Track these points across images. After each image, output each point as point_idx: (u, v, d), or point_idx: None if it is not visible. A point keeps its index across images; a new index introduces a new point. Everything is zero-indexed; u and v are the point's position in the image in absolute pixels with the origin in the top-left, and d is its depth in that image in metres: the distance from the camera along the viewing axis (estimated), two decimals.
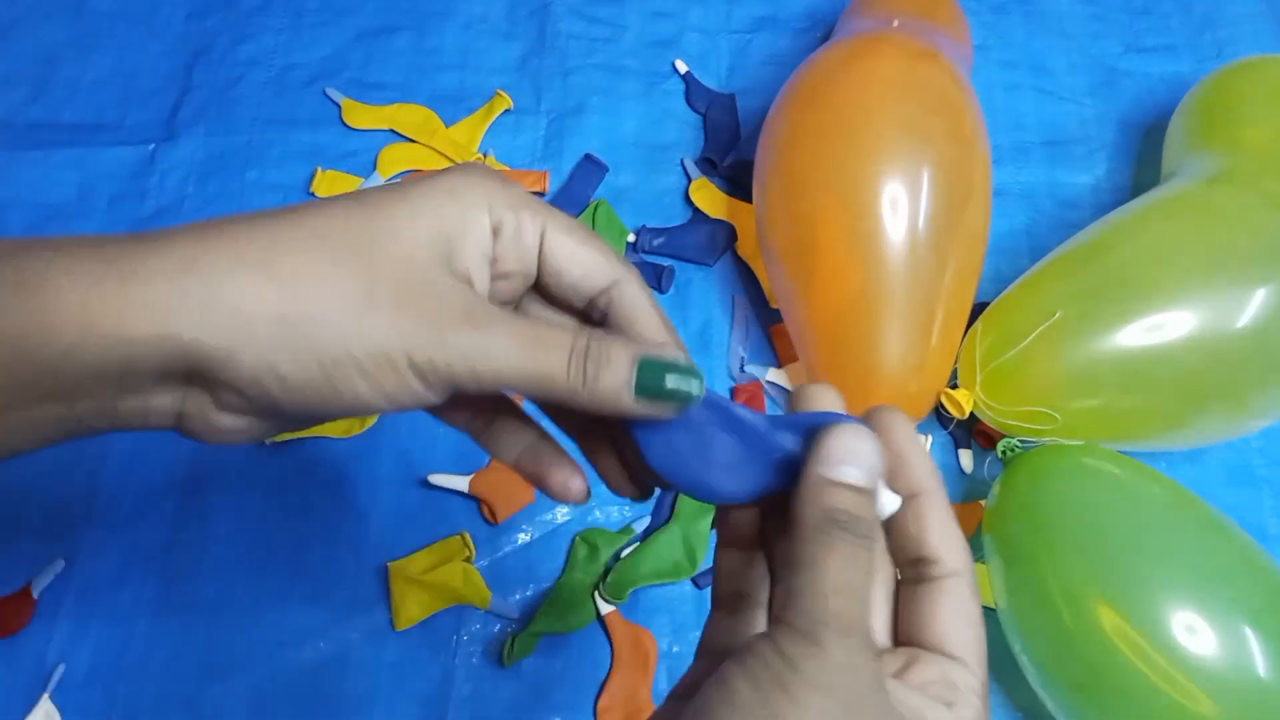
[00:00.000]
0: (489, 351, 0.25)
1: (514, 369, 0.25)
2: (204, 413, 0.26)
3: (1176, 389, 0.46)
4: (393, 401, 0.26)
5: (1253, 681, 0.39)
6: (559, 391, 0.26)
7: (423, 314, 0.25)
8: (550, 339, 0.26)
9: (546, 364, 0.26)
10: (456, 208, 0.27)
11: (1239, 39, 0.68)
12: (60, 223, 0.61)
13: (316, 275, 0.25)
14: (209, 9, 0.69)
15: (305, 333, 0.25)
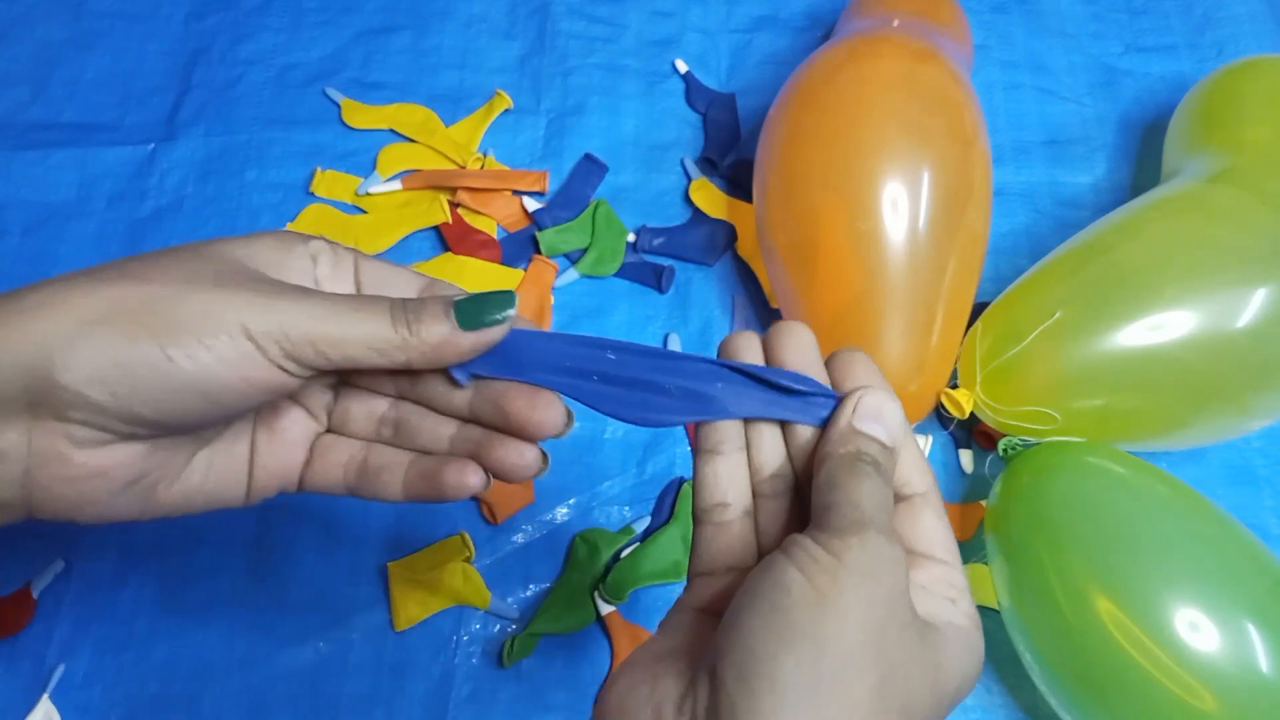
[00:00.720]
0: (318, 315, 0.27)
1: (343, 329, 0.27)
2: (57, 449, 0.26)
3: (1177, 389, 0.46)
4: (246, 379, 0.27)
5: (1256, 677, 0.39)
6: (390, 344, 0.28)
7: (254, 290, 0.27)
8: (371, 302, 0.28)
9: (373, 320, 0.28)
10: (278, 240, 0.30)
11: (1239, 39, 0.68)
12: (60, 223, 0.61)
13: (153, 268, 0.27)
14: (209, 9, 0.69)
15: (138, 319, 0.25)
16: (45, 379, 0.25)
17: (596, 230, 0.60)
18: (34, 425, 0.25)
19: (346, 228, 0.60)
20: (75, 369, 0.25)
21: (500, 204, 0.61)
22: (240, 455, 0.32)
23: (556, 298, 0.59)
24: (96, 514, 0.27)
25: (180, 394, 0.26)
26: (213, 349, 0.26)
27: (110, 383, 0.25)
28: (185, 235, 0.61)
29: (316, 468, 0.33)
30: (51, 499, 0.26)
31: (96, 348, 0.25)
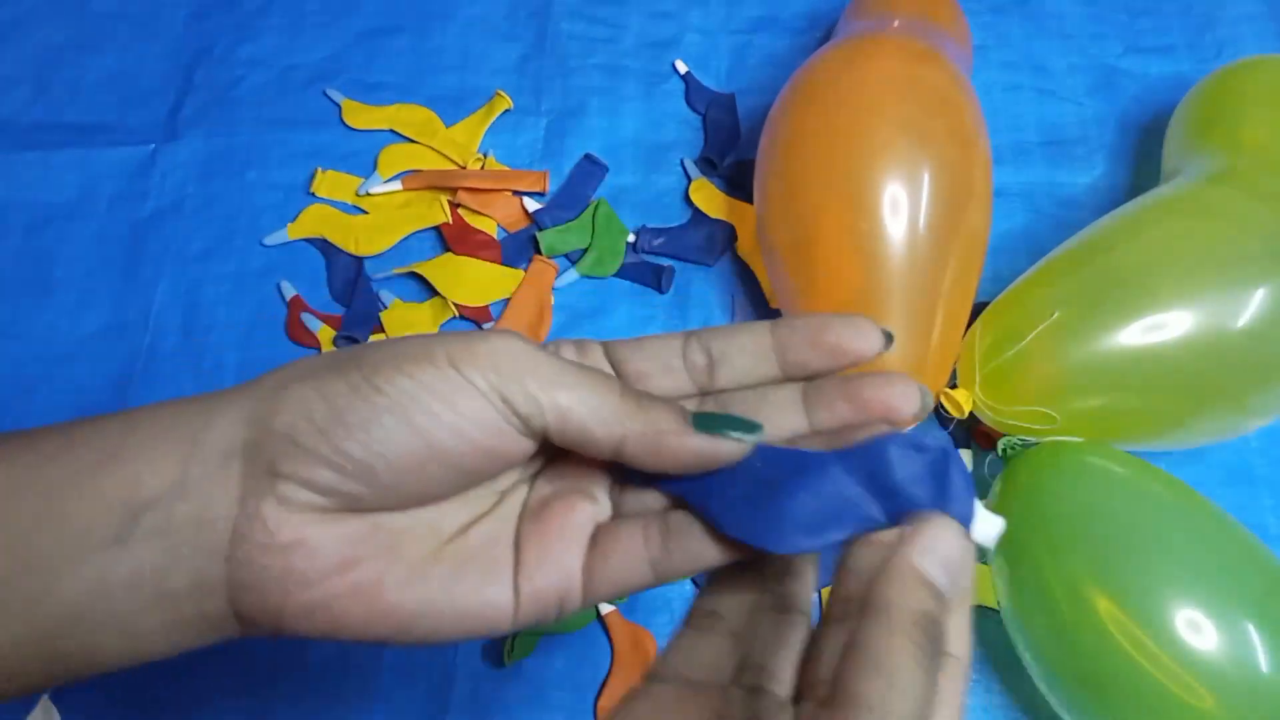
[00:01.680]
0: (533, 361, 0.25)
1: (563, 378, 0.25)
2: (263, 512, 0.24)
3: (1176, 389, 0.46)
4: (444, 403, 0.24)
5: (1255, 677, 0.39)
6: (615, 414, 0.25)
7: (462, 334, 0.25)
8: (601, 373, 0.26)
9: (604, 385, 0.25)
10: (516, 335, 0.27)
11: (1239, 39, 0.68)
12: (60, 223, 0.61)
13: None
14: (210, 10, 0.69)
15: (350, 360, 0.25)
16: (262, 426, 0.24)
17: (596, 230, 0.60)
18: (246, 489, 0.24)
19: (347, 228, 0.60)
20: (288, 410, 0.24)
21: (500, 204, 0.61)
22: (499, 555, 0.27)
23: (556, 298, 0.59)
24: (307, 603, 0.24)
25: (388, 427, 0.24)
26: (414, 373, 0.24)
27: (320, 422, 0.24)
28: (186, 236, 0.61)
29: (608, 556, 0.26)
30: (255, 576, 0.24)
31: (309, 387, 0.24)
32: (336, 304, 0.59)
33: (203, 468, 0.24)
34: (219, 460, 0.24)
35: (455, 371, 0.24)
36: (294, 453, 0.24)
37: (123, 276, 0.60)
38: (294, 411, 0.24)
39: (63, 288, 0.59)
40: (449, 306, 0.57)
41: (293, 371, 0.25)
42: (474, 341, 0.25)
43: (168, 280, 0.60)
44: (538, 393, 0.24)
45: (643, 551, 0.26)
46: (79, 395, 0.56)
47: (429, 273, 0.58)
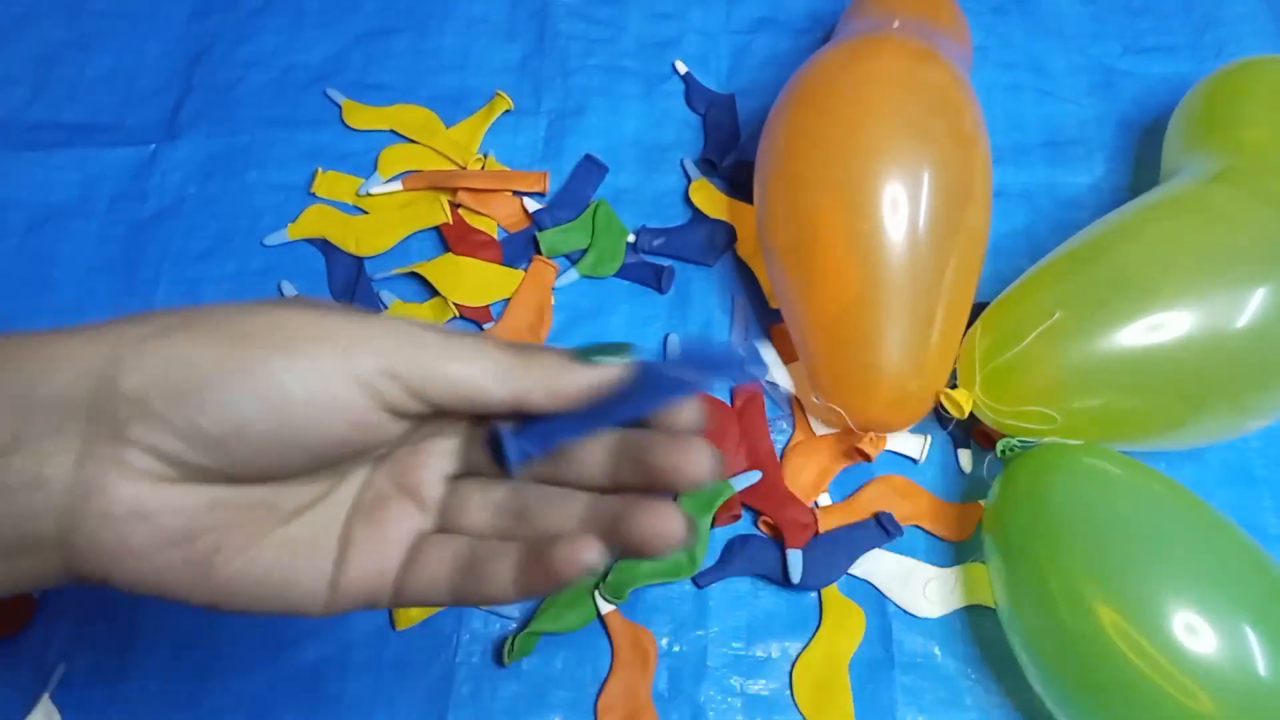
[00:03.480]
0: (419, 336, 0.24)
1: (453, 353, 0.24)
2: (104, 477, 0.22)
3: (1176, 389, 0.46)
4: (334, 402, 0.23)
5: (1253, 679, 0.39)
6: (505, 368, 0.25)
7: (354, 315, 0.25)
8: (481, 335, 0.26)
9: (488, 344, 0.25)
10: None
11: (1239, 39, 0.69)
12: (60, 223, 0.61)
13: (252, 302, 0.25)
14: (210, 9, 0.69)
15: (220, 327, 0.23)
16: (110, 383, 0.22)
17: (596, 231, 0.60)
18: (86, 450, 0.22)
19: (347, 228, 0.60)
20: (141, 371, 0.22)
21: (500, 204, 0.61)
22: (326, 545, 0.27)
23: (556, 298, 0.59)
24: (137, 571, 0.23)
25: (254, 412, 0.23)
26: (293, 358, 0.23)
27: (175, 390, 0.22)
28: (186, 236, 0.61)
29: (418, 569, 0.27)
30: (88, 541, 0.23)
31: (166, 348, 0.22)
32: None
33: (41, 421, 0.22)
34: (57, 416, 0.22)
35: (340, 358, 0.23)
36: (144, 418, 0.22)
37: (123, 276, 0.60)
38: (149, 372, 0.22)
39: (63, 288, 0.59)
40: (449, 306, 0.57)
41: (151, 325, 0.23)
42: (361, 324, 0.24)
43: (168, 280, 0.60)
44: (432, 365, 0.24)
45: (447, 576, 0.27)
46: None
47: (429, 273, 0.58)
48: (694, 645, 0.50)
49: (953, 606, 0.51)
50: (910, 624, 0.51)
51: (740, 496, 0.52)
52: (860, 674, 0.49)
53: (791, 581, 0.50)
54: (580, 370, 0.26)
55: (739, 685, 0.49)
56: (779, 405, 0.56)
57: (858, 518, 0.52)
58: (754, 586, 0.52)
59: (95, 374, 0.22)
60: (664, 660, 0.50)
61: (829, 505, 0.53)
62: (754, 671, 0.50)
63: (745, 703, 0.49)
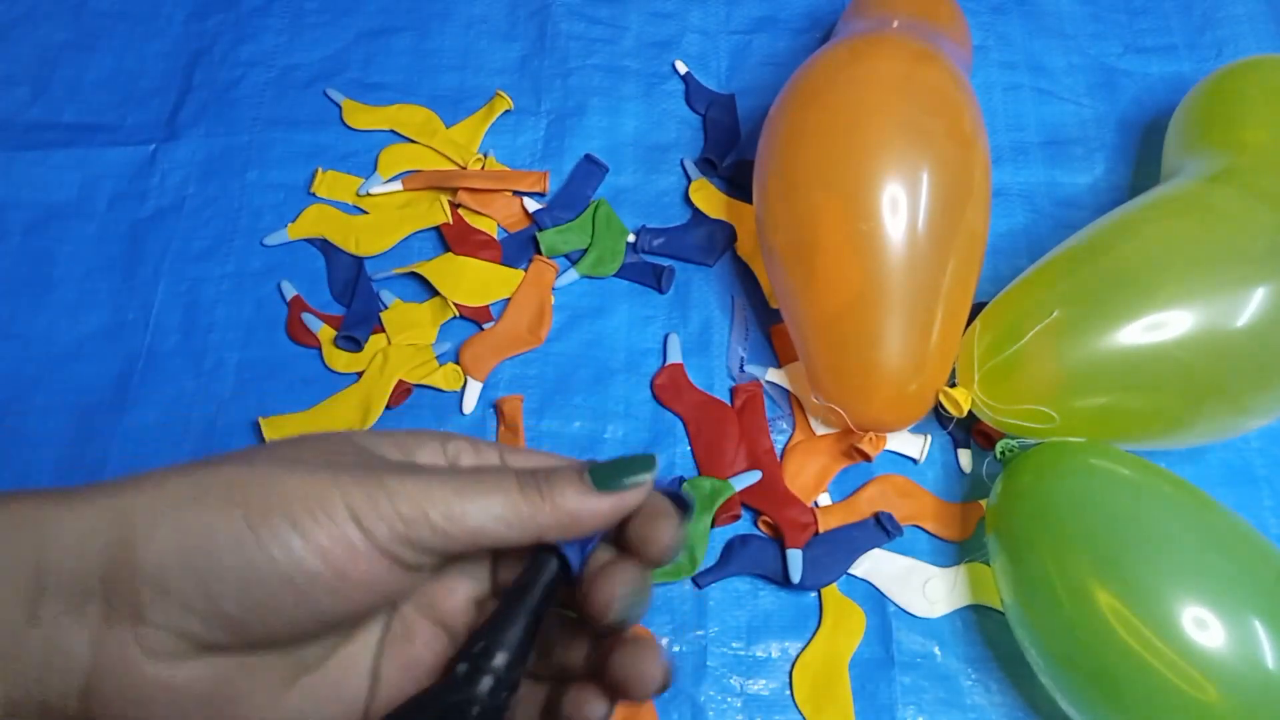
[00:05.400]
0: (433, 486, 0.24)
1: (464, 500, 0.24)
2: (126, 657, 0.22)
3: (1175, 388, 0.46)
4: (338, 569, 0.23)
5: (1259, 671, 0.39)
6: (519, 513, 0.25)
7: (364, 469, 0.24)
8: (493, 472, 0.25)
9: (498, 488, 0.25)
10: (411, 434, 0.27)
11: (1239, 39, 0.69)
12: (60, 223, 0.61)
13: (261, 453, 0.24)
14: (209, 9, 0.69)
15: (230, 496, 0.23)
16: (126, 560, 0.22)
17: (597, 231, 0.60)
18: (104, 629, 0.22)
19: (347, 228, 0.60)
20: (157, 545, 0.22)
21: (501, 204, 0.61)
22: (355, 685, 0.26)
23: (557, 298, 0.59)
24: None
25: (274, 591, 0.23)
26: (309, 533, 0.23)
27: (194, 571, 0.22)
28: (186, 236, 0.61)
29: None
30: (111, 716, 0.23)
31: (182, 524, 0.22)
32: (337, 304, 0.59)
33: (58, 600, 0.22)
34: (75, 595, 0.22)
35: (354, 527, 0.23)
36: (163, 600, 0.22)
37: (123, 276, 0.60)
38: (163, 551, 0.22)
39: (63, 288, 0.59)
40: (449, 306, 0.57)
41: (165, 495, 0.23)
42: (375, 485, 0.24)
43: (168, 280, 0.60)
44: (445, 525, 0.24)
45: None
46: (79, 395, 0.56)
47: (429, 273, 0.58)
48: (694, 645, 0.50)
49: (953, 606, 0.51)
50: (910, 624, 0.51)
51: (740, 496, 0.52)
52: (860, 674, 0.49)
53: (791, 581, 0.50)
54: (598, 502, 0.25)
55: (739, 685, 0.49)
56: (779, 405, 0.56)
57: (858, 518, 0.52)
58: (754, 586, 0.52)
59: (112, 548, 0.22)
60: None
61: (829, 505, 0.53)
62: (754, 671, 0.50)
63: (745, 703, 0.49)
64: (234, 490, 0.23)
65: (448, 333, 0.58)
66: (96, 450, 0.54)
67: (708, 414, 0.55)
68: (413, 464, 0.26)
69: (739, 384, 0.56)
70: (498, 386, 0.57)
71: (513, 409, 0.55)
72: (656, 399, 0.56)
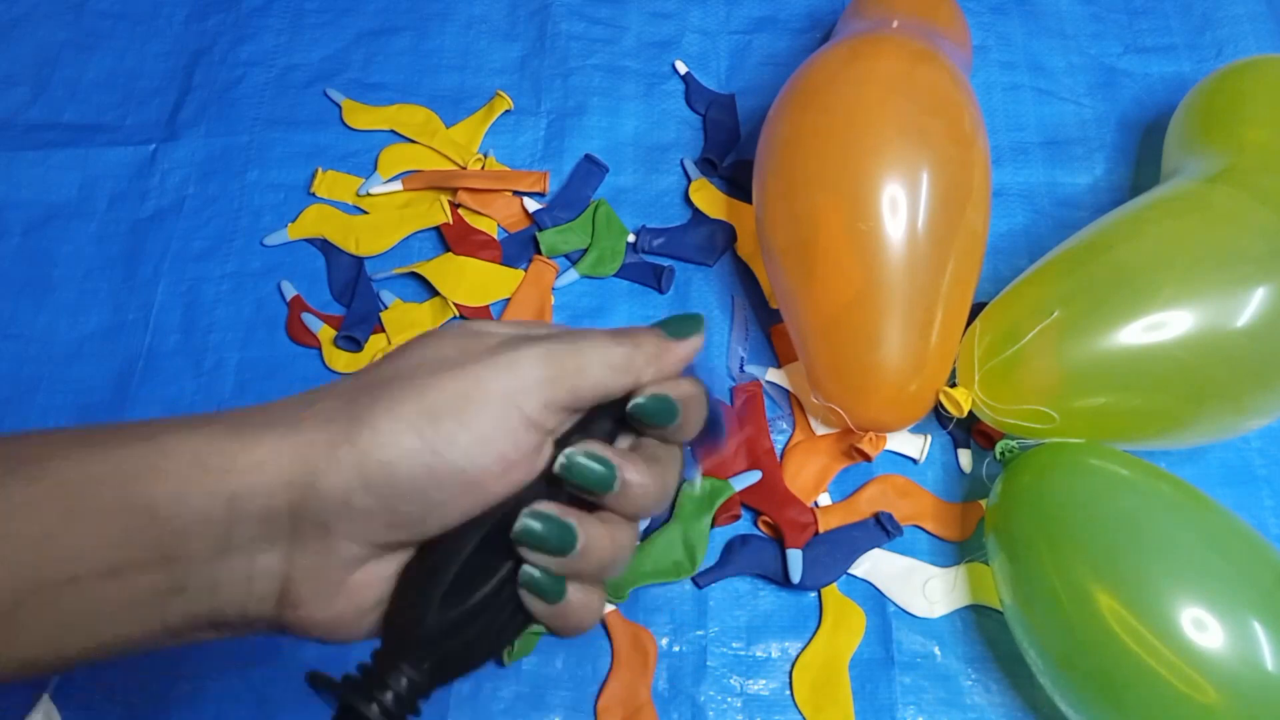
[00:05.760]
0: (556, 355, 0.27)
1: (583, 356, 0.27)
2: (317, 567, 0.25)
3: (1175, 388, 0.46)
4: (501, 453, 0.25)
5: (1259, 672, 0.39)
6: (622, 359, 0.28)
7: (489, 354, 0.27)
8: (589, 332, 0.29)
9: (601, 342, 0.28)
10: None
11: (1239, 39, 0.69)
12: (60, 223, 0.61)
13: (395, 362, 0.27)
14: (209, 9, 0.69)
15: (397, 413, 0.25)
16: (310, 493, 0.24)
17: (597, 231, 0.60)
18: (294, 548, 0.25)
19: (347, 228, 0.60)
20: (339, 475, 0.24)
21: (501, 204, 0.61)
22: None
23: (557, 298, 0.59)
24: (346, 637, 0.26)
25: (450, 490, 0.25)
26: (472, 424, 0.25)
27: (375, 489, 0.24)
28: (186, 235, 0.61)
29: None
30: (302, 620, 0.25)
31: (359, 453, 0.24)
32: (337, 304, 0.59)
33: (248, 528, 0.24)
34: (265, 525, 0.24)
35: (514, 410, 0.25)
36: (348, 519, 0.24)
37: (123, 276, 0.60)
38: (345, 478, 0.24)
39: (63, 288, 0.59)
40: (449, 306, 0.57)
41: (336, 428, 0.25)
42: (514, 363, 0.26)
43: (168, 280, 0.60)
44: (577, 382, 0.27)
45: None
46: (79, 395, 0.56)
47: (429, 273, 0.58)
48: (694, 645, 0.50)
49: (953, 606, 0.51)
50: (910, 624, 0.51)
51: (740, 496, 0.52)
52: (860, 674, 0.49)
53: (791, 581, 0.50)
54: (674, 346, 0.29)
55: (739, 685, 0.49)
56: (779, 405, 0.56)
57: (858, 518, 0.52)
58: (754, 586, 0.52)
59: (297, 485, 0.24)
60: (664, 660, 0.50)
61: (829, 505, 0.53)
62: (754, 671, 0.50)
63: (745, 702, 0.49)
64: (402, 405, 0.25)
65: None
66: None
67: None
68: (524, 335, 0.28)
69: (739, 384, 0.56)
70: None
71: None
72: None
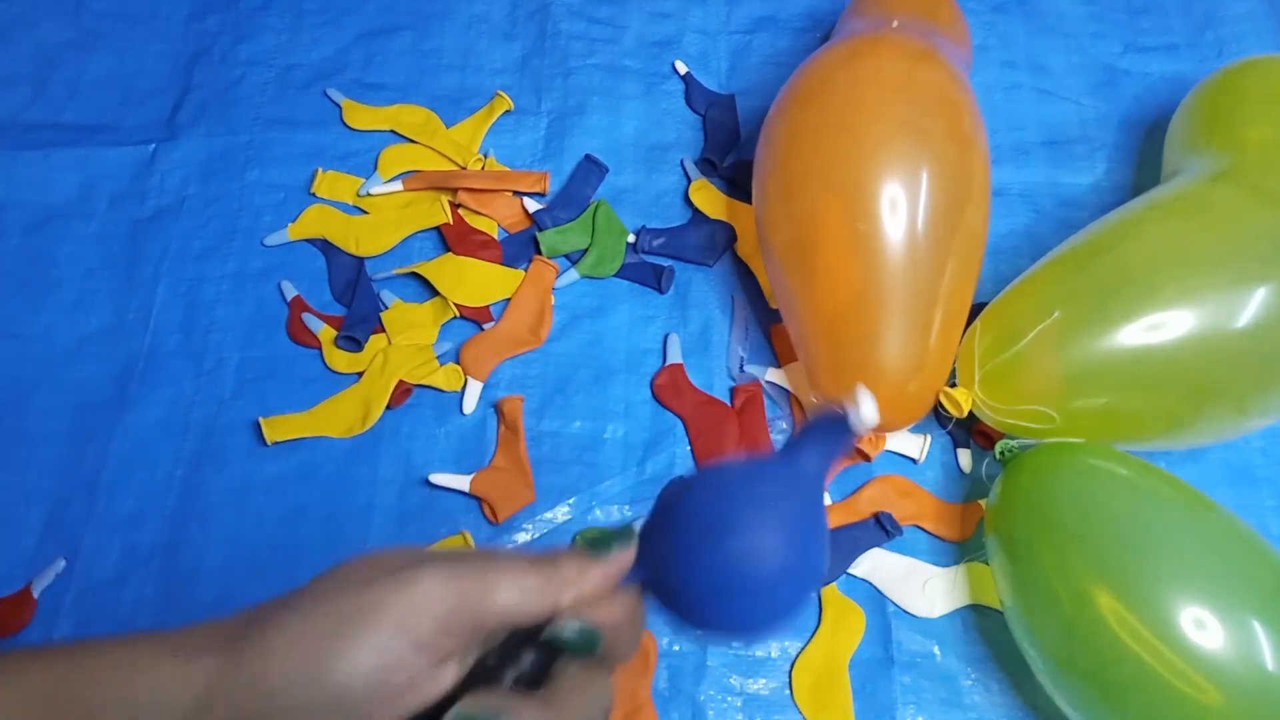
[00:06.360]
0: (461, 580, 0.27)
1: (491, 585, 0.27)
2: None
3: (1176, 389, 0.46)
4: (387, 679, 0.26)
5: (1258, 672, 0.39)
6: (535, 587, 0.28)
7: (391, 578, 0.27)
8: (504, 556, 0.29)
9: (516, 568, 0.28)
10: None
11: (1239, 38, 0.68)
12: (60, 223, 0.61)
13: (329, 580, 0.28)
14: (209, 9, 0.69)
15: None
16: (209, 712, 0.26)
17: (597, 231, 0.60)
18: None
19: (347, 228, 0.60)
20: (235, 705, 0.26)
21: (501, 205, 0.61)
22: None
23: (557, 298, 0.59)
24: None
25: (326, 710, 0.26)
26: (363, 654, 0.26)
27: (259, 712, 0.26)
28: (186, 235, 0.61)
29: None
30: None
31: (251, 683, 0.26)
32: (337, 304, 0.59)
33: None
34: None
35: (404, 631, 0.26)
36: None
37: (123, 276, 0.60)
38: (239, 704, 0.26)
39: (63, 288, 0.59)
40: (449, 306, 0.57)
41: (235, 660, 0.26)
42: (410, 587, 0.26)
43: (168, 280, 0.60)
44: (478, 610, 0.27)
45: None
46: (79, 395, 0.56)
47: (429, 273, 0.58)
48: (694, 645, 0.50)
49: (953, 606, 0.51)
50: (910, 624, 0.51)
51: None
52: (860, 674, 0.49)
53: None
54: (596, 566, 0.29)
55: (738, 684, 0.49)
56: (779, 405, 0.56)
57: (858, 517, 0.52)
58: None
59: (196, 706, 0.26)
60: (664, 660, 0.50)
61: (829, 505, 0.53)
62: (753, 671, 0.50)
63: (745, 702, 0.49)
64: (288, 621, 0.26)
65: (448, 333, 0.58)
66: (96, 450, 0.54)
67: (708, 414, 0.55)
68: (435, 554, 0.28)
69: (739, 384, 0.56)
70: (498, 386, 0.56)
71: (513, 409, 0.55)
72: (656, 399, 0.56)
